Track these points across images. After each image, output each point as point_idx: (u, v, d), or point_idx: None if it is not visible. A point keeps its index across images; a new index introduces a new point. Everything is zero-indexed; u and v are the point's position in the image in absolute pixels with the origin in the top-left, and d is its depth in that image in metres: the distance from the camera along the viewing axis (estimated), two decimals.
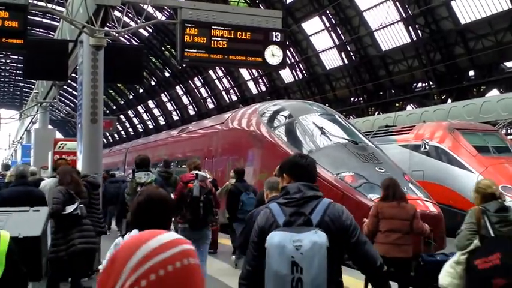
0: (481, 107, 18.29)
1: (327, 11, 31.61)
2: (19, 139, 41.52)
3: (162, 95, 56.87)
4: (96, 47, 9.45)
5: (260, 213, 2.99)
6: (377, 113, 31.31)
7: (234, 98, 45.34)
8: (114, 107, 67.17)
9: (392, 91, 32.08)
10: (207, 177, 7.72)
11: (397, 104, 31.72)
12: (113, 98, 66.23)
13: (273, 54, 9.92)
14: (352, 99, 34.71)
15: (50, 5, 11.56)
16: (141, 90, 58.72)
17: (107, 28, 9.91)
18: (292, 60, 35.60)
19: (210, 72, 45.98)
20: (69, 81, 26.89)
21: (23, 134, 36.34)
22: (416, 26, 27.46)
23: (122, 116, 65.04)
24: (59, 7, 13.35)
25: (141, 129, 64.80)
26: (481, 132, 13.83)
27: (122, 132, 70.83)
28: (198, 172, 7.43)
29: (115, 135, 69.83)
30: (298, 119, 12.42)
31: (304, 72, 36.95)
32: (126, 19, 16.94)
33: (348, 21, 31.33)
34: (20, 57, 40.88)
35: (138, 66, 11.04)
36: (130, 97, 64.02)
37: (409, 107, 30.58)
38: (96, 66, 9.67)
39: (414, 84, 31.10)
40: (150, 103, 60.57)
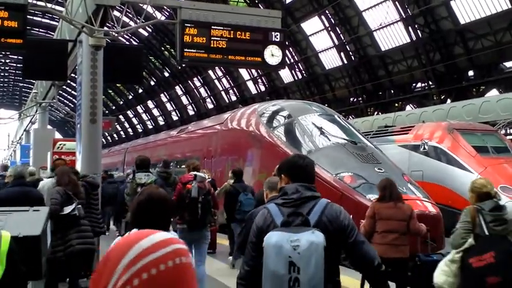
0: (480, 107, 18.29)
1: (327, 11, 31.61)
2: (18, 139, 41.47)
3: (162, 95, 56.86)
4: (95, 46, 9.45)
5: (258, 214, 3.00)
6: (376, 113, 31.31)
7: (234, 98, 45.34)
8: (114, 107, 67.16)
9: (392, 91, 32.08)
10: (206, 178, 7.72)
11: (396, 104, 31.72)
12: (112, 98, 66.21)
13: (272, 54, 9.92)
14: (351, 99, 34.72)
15: (49, 4, 11.55)
16: (140, 91, 58.72)
17: (106, 28, 9.91)
18: (291, 60, 35.60)
19: (210, 72, 45.99)
20: (68, 81, 26.84)
21: (22, 134, 36.28)
22: (416, 26, 27.47)
23: (121, 116, 65.06)
24: (58, 7, 13.35)
25: (140, 130, 64.81)
26: (480, 132, 13.82)
27: (121, 132, 70.82)
28: (196, 173, 7.43)
29: (114, 136, 69.81)
30: (297, 119, 12.42)
31: (303, 72, 36.95)
32: (125, 19, 16.94)
33: (348, 21, 31.34)
34: (20, 57, 40.86)
35: (138, 66, 11.04)
36: (130, 97, 64.01)
37: (408, 107, 30.58)
38: (95, 66, 9.67)
39: (413, 84, 31.09)
40: (150, 103, 60.55)
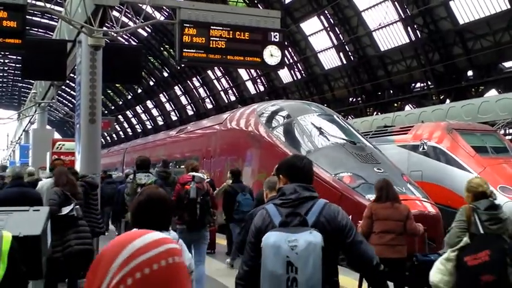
0: (479, 107, 18.27)
1: (326, 11, 31.61)
2: (17, 139, 41.46)
3: (161, 95, 56.84)
4: (94, 47, 9.45)
5: (257, 214, 3.01)
6: (375, 113, 31.31)
7: (233, 98, 45.32)
8: (113, 107, 67.14)
9: (391, 91, 32.08)
10: (204, 178, 7.71)
11: (395, 104, 31.73)
12: (111, 98, 66.19)
13: (271, 55, 9.92)
14: (350, 100, 34.71)
15: (48, 4, 11.54)
16: (139, 91, 58.70)
17: (105, 28, 9.92)
18: (290, 60, 35.58)
19: (209, 72, 45.97)
20: (67, 81, 26.84)
21: (21, 135, 36.28)
22: (415, 26, 27.47)
23: (120, 116, 65.02)
24: (57, 7, 13.33)
25: (139, 130, 64.78)
26: (479, 132, 13.81)
27: (121, 132, 70.80)
28: (194, 174, 7.44)
29: (113, 136, 69.84)
30: (296, 119, 12.42)
31: (302, 72, 36.95)
32: (124, 19, 16.92)
33: (347, 21, 31.34)
34: (19, 57, 40.80)
35: (137, 66, 11.05)
36: (129, 97, 63.99)
37: (407, 107, 30.57)
38: (94, 66, 9.67)
39: (413, 84, 31.10)
40: (149, 103, 60.53)
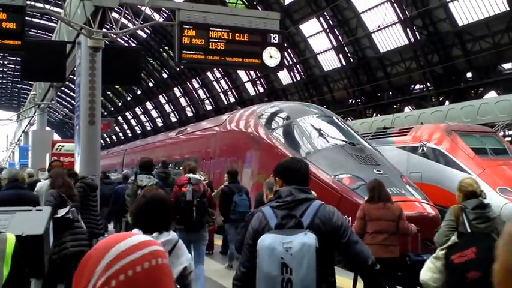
0: (478, 108, 18.28)
1: (325, 13, 31.63)
2: (17, 141, 41.45)
3: (160, 97, 56.84)
4: (94, 48, 9.46)
5: (254, 217, 3.05)
6: (375, 114, 31.31)
7: (232, 99, 45.34)
8: (112, 109, 67.12)
9: (390, 93, 32.09)
10: (201, 180, 7.70)
11: (394, 106, 31.72)
12: (110, 99, 66.19)
13: (270, 56, 9.93)
14: (350, 101, 34.72)
15: (47, 6, 11.55)
16: (139, 92, 58.72)
17: (104, 29, 9.93)
18: (290, 61, 35.58)
19: (208, 73, 45.98)
20: (67, 82, 26.85)
21: (21, 136, 36.27)
22: (414, 28, 27.49)
23: (119, 118, 65.03)
24: (56, 8, 13.34)
25: (139, 131, 64.79)
26: (478, 134, 13.82)
27: (120, 134, 70.78)
28: (191, 176, 7.44)
29: (113, 137, 69.84)
30: (296, 120, 12.42)
31: (302, 73, 36.96)
32: (124, 20, 16.94)
33: (346, 22, 31.36)
34: (18, 59, 40.81)
35: (136, 67, 11.06)
36: (128, 99, 63.99)
37: (406, 109, 30.59)
38: (94, 68, 9.68)
39: (412, 85, 31.12)
40: (148, 105, 60.52)
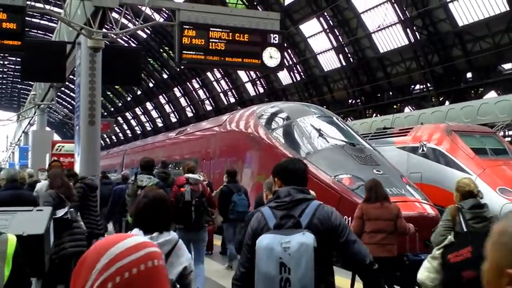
0: (478, 109, 18.29)
1: (325, 13, 31.63)
2: (17, 141, 41.46)
3: (160, 97, 56.85)
4: (94, 48, 9.46)
5: (253, 217, 3.07)
6: (375, 115, 31.31)
7: (232, 100, 45.35)
8: (112, 109, 67.12)
9: (390, 93, 32.10)
10: (200, 179, 7.70)
11: (394, 106, 31.73)
12: (110, 99, 66.19)
13: (271, 56, 9.93)
14: (350, 101, 34.73)
15: (48, 6, 11.55)
16: (139, 92, 58.72)
17: (104, 30, 9.93)
18: (290, 62, 35.58)
19: (208, 74, 45.99)
20: (67, 83, 26.84)
21: (21, 136, 36.29)
22: (414, 28, 27.50)
23: (119, 118, 65.04)
24: (57, 8, 13.34)
25: (139, 131, 64.79)
26: (478, 134, 13.82)
27: (120, 134, 70.78)
28: (189, 176, 7.45)
29: (113, 137, 69.84)
30: (296, 121, 12.42)
31: (302, 74, 36.97)
32: (124, 21, 16.93)
33: (346, 23, 31.36)
34: (18, 59, 40.81)
35: (136, 68, 11.06)
36: (128, 99, 63.99)
37: (406, 109, 30.59)
38: (94, 68, 9.68)
39: (412, 86, 31.13)
40: (148, 105, 60.53)
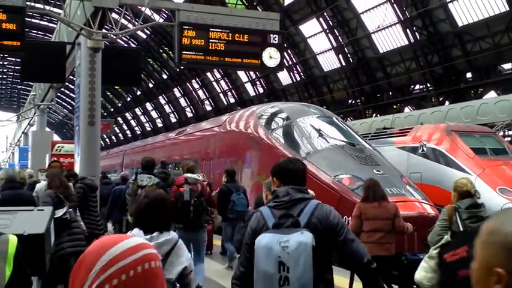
0: (478, 109, 18.29)
1: (325, 13, 31.63)
2: (17, 141, 41.46)
3: (160, 97, 56.84)
4: (93, 49, 9.46)
5: (252, 217, 3.09)
6: (374, 115, 31.31)
7: (232, 100, 45.34)
8: (112, 110, 67.12)
9: (390, 93, 32.09)
10: (199, 179, 7.71)
11: (394, 106, 31.73)
12: (110, 100, 66.18)
13: (270, 57, 9.93)
14: (349, 101, 34.72)
15: (47, 7, 11.55)
16: (138, 93, 58.70)
17: (104, 30, 9.93)
18: (289, 62, 35.58)
19: (208, 74, 45.99)
20: (66, 83, 26.85)
21: (21, 137, 36.29)
22: (414, 28, 27.49)
23: (119, 119, 65.02)
24: (56, 9, 13.34)
25: (138, 132, 64.78)
26: (478, 134, 13.82)
27: (120, 134, 70.78)
28: (189, 175, 7.45)
29: (113, 138, 69.83)
30: (295, 121, 12.42)
31: (301, 74, 36.97)
32: (123, 21, 16.93)
33: (346, 23, 31.37)
34: (18, 59, 40.82)
35: (136, 68, 11.07)
36: (128, 99, 63.98)
37: (406, 109, 30.59)
38: (93, 69, 9.69)
39: (412, 86, 31.13)
40: (148, 105, 60.53)
